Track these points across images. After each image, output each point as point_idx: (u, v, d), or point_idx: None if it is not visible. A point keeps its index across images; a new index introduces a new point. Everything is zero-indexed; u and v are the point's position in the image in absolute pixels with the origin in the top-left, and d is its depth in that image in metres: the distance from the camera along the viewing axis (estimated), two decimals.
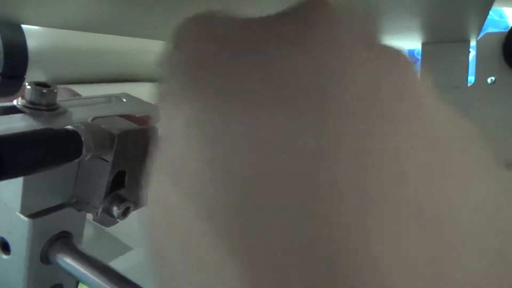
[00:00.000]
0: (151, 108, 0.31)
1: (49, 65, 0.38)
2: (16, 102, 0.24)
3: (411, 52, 0.65)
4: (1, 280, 0.26)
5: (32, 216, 0.24)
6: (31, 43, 0.35)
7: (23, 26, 0.37)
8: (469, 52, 0.55)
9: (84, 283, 0.26)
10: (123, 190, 0.26)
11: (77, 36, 0.41)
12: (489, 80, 0.54)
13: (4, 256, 0.26)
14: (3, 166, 0.18)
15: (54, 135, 0.21)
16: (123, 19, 0.38)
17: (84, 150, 0.22)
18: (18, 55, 0.33)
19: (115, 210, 0.26)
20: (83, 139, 0.22)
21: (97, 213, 0.26)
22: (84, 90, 0.40)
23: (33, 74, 0.36)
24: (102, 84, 0.49)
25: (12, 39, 0.33)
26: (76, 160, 0.22)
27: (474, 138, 0.11)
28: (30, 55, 0.34)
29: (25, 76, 0.37)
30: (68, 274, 0.27)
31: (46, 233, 0.26)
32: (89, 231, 0.44)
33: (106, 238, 0.39)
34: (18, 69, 0.34)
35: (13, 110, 0.23)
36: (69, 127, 0.22)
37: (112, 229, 0.40)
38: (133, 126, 0.26)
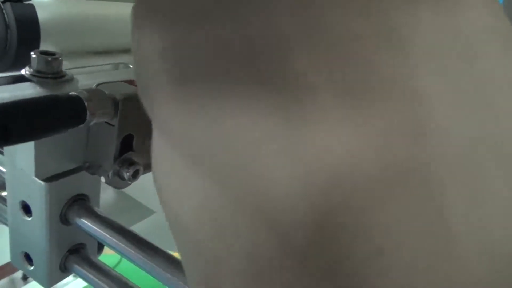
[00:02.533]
0: None
1: (61, 36, 0.38)
2: (24, 71, 0.25)
3: None
4: (26, 239, 0.28)
5: (47, 180, 0.26)
6: (41, 14, 0.35)
7: None
8: None
9: (101, 241, 0.28)
10: (132, 153, 0.27)
11: (87, 4, 0.41)
12: None
13: (27, 218, 0.28)
14: (7, 131, 0.19)
15: (57, 101, 0.21)
16: None
17: (88, 115, 0.23)
18: (30, 29, 0.34)
19: (125, 172, 0.27)
20: (86, 104, 0.23)
21: (108, 176, 0.27)
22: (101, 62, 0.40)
23: (46, 47, 0.37)
24: (121, 54, 0.49)
25: (23, 13, 0.33)
26: (81, 126, 0.23)
27: None
28: (41, 27, 0.35)
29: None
30: (87, 234, 0.28)
31: (63, 196, 0.27)
32: (111, 195, 0.46)
33: (129, 202, 0.40)
34: (32, 42, 0.35)
35: (21, 79, 0.24)
36: (72, 93, 0.23)
37: (135, 193, 0.42)
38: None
